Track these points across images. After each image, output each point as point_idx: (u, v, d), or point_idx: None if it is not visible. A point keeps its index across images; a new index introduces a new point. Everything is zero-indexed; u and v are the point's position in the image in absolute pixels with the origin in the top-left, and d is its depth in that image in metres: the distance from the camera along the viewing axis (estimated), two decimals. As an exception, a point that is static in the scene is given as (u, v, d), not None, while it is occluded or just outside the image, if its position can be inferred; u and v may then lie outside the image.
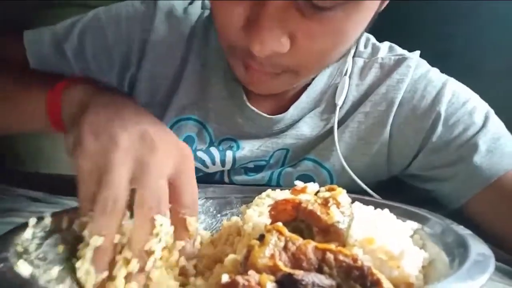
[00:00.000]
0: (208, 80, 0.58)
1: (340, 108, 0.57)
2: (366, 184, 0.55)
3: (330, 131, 0.57)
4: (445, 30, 0.79)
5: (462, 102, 0.54)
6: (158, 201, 0.33)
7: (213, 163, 0.58)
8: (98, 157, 0.34)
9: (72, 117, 0.41)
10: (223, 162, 0.58)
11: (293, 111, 0.57)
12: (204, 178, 0.60)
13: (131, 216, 0.33)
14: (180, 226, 0.35)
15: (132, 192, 0.33)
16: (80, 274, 0.30)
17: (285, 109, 0.57)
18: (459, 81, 0.58)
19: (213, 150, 0.58)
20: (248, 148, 0.58)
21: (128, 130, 0.36)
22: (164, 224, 0.33)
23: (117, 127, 0.36)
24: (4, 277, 0.24)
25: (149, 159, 0.34)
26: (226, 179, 0.61)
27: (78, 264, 0.31)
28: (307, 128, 0.58)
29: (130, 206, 0.33)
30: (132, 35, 0.57)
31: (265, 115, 0.56)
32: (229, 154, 0.58)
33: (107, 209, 0.32)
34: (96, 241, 0.31)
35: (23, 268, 0.27)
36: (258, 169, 0.60)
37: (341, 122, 0.57)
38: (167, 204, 0.34)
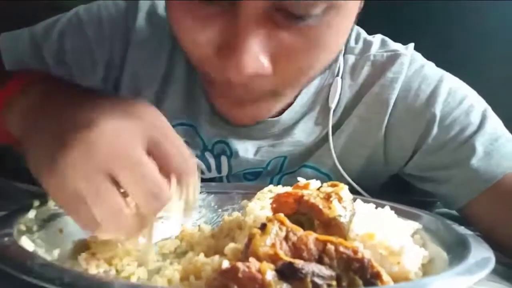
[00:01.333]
0: (196, 82, 0.55)
1: (334, 111, 0.56)
2: (365, 186, 0.54)
3: (326, 137, 0.56)
4: (446, 33, 0.79)
5: (458, 100, 0.53)
6: (157, 197, 0.30)
7: (209, 170, 0.58)
8: (65, 182, 0.29)
9: (22, 134, 0.35)
10: (218, 169, 0.57)
11: (287, 115, 0.55)
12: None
13: None
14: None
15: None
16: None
17: (278, 112, 0.55)
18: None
19: (208, 155, 0.57)
20: (242, 154, 0.56)
21: (76, 147, 0.30)
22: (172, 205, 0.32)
23: (66, 154, 0.30)
24: (8, 250, 0.25)
25: (115, 145, 0.30)
26: None
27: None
28: (303, 134, 0.56)
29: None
30: (114, 35, 0.55)
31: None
32: (224, 160, 0.57)
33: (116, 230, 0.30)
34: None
35: (26, 244, 0.28)
36: (255, 175, 0.59)
37: (336, 127, 0.56)
38: (166, 191, 0.31)
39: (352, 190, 0.54)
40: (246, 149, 0.57)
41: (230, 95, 0.43)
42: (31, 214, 0.32)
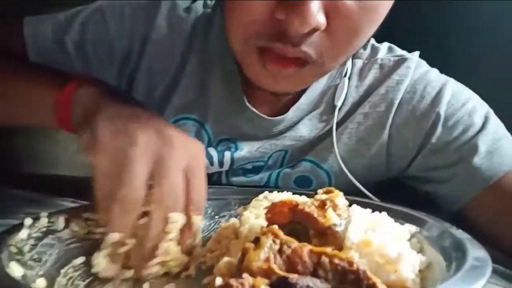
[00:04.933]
0: (207, 79, 0.57)
1: (339, 109, 0.56)
2: (365, 185, 0.54)
3: (329, 133, 0.56)
4: (446, 30, 0.78)
5: (461, 102, 0.54)
6: (176, 199, 0.35)
7: (211, 164, 0.58)
8: (116, 154, 0.34)
9: (84, 117, 0.41)
10: (221, 163, 0.58)
11: (293, 112, 0.56)
12: None
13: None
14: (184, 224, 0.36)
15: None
16: (96, 268, 0.33)
17: (283, 110, 0.56)
18: (460, 81, 0.57)
19: (211, 150, 0.58)
20: (247, 150, 0.57)
21: (145, 128, 0.36)
22: (177, 221, 0.35)
23: (134, 125, 0.36)
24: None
25: (167, 155, 0.35)
26: (224, 180, 0.60)
27: (94, 258, 0.33)
28: (306, 129, 0.57)
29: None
30: (135, 31, 0.57)
31: (264, 116, 0.56)
32: (227, 155, 0.58)
33: (125, 207, 0.33)
34: (112, 237, 0.33)
35: (15, 270, 0.27)
36: (256, 170, 0.59)
37: (340, 123, 0.57)
38: (183, 202, 0.35)
39: (353, 189, 0.55)
40: (251, 145, 0.58)
41: (274, 61, 0.44)
42: (23, 234, 0.32)
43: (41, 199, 0.53)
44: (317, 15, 0.39)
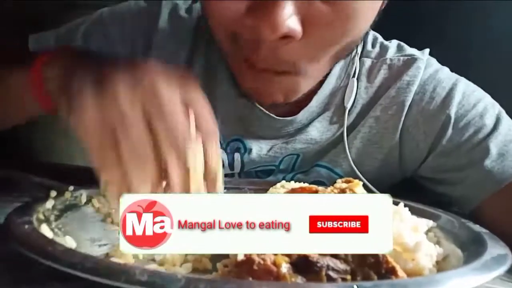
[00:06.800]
0: (215, 80, 0.57)
1: (350, 111, 0.56)
2: (379, 187, 0.55)
3: (341, 137, 0.56)
4: (463, 34, 0.79)
5: (472, 103, 0.53)
6: (183, 132, 0.31)
7: (222, 166, 0.58)
8: (104, 110, 0.31)
9: (59, 86, 0.37)
10: (231, 166, 0.58)
11: (303, 115, 0.56)
12: None
13: None
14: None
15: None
16: None
17: (293, 112, 0.56)
18: (471, 81, 0.56)
19: (221, 153, 0.58)
20: (256, 151, 0.57)
21: (125, 78, 0.33)
22: (197, 155, 0.32)
23: (113, 81, 0.33)
24: (29, 236, 0.25)
25: (157, 91, 0.32)
26: None
27: None
28: (317, 132, 0.57)
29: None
30: (137, 34, 0.56)
31: (273, 115, 0.56)
32: (237, 157, 0.58)
33: (138, 160, 0.30)
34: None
35: (46, 232, 0.28)
36: (268, 173, 0.59)
37: (351, 127, 0.57)
38: (191, 134, 0.32)
39: (366, 191, 0.55)
40: (260, 147, 0.58)
41: (257, 65, 0.43)
42: (49, 204, 0.33)
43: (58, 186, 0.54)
44: (289, 22, 0.36)
